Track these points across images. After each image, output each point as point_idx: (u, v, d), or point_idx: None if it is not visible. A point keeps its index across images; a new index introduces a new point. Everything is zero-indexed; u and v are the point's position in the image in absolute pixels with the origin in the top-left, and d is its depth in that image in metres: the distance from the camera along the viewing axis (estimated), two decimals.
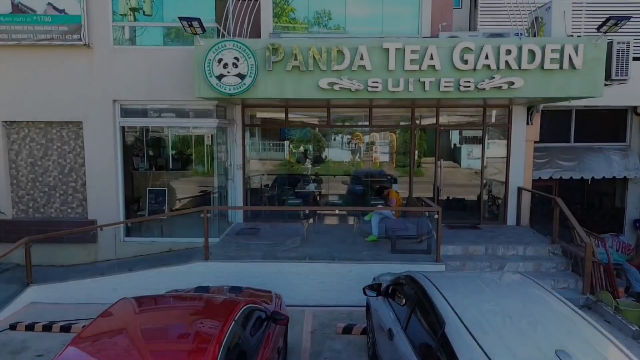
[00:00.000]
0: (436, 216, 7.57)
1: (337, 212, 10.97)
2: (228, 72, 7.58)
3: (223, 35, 8.70)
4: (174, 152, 10.66)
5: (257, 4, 8.89)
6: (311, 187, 11.09)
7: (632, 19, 9.06)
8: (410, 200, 9.19)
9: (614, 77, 7.81)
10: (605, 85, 7.84)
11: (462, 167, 10.92)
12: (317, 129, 10.77)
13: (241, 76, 7.60)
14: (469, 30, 10.71)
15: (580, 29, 9.93)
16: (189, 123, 9.11)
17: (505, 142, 10.15)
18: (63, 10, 8.38)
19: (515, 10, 9.13)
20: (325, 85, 7.66)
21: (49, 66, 8.68)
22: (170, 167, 10.55)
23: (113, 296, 4.84)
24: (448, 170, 10.86)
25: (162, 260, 8.33)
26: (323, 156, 11.08)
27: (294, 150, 10.93)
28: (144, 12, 8.77)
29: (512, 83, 7.53)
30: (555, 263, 8.30)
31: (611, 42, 7.75)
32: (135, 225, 9.44)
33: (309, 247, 8.46)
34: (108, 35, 8.67)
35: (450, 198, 10.72)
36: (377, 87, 7.64)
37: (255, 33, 9.21)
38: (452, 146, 11.28)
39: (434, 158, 10.27)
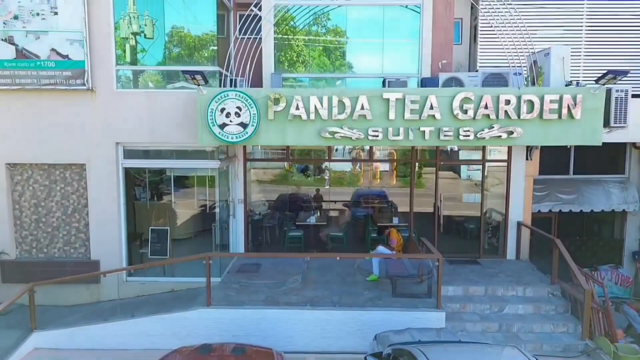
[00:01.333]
0: (437, 263, 7.64)
1: (338, 255, 11.01)
2: (230, 121, 7.67)
3: (225, 81, 8.80)
4: (175, 184, 10.70)
5: (259, 48, 8.95)
6: (312, 219, 11.16)
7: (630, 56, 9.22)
8: (410, 241, 9.26)
9: (612, 124, 7.89)
10: (605, 131, 7.93)
11: (463, 201, 10.97)
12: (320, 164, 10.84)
13: (243, 125, 7.68)
14: (469, 65, 10.79)
15: (579, 72, 10.01)
16: (191, 164, 9.19)
17: (504, 176, 10.22)
18: (67, 56, 8.46)
19: (513, 50, 9.20)
20: (326, 135, 7.74)
21: (52, 109, 8.76)
22: (173, 198, 10.61)
23: (116, 343, 4.92)
24: (448, 200, 10.93)
25: (164, 304, 8.40)
26: (323, 167, 11.10)
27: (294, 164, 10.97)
28: (145, 35, 8.78)
29: (512, 132, 7.61)
30: (555, 305, 8.36)
31: (610, 89, 7.82)
32: (138, 264, 9.50)
33: (310, 289, 8.51)
34: (111, 79, 8.76)
35: (452, 227, 10.79)
36: (377, 136, 7.72)
37: (257, 72, 9.28)
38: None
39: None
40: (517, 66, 8.98)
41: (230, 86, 8.92)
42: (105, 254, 9.07)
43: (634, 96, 9.95)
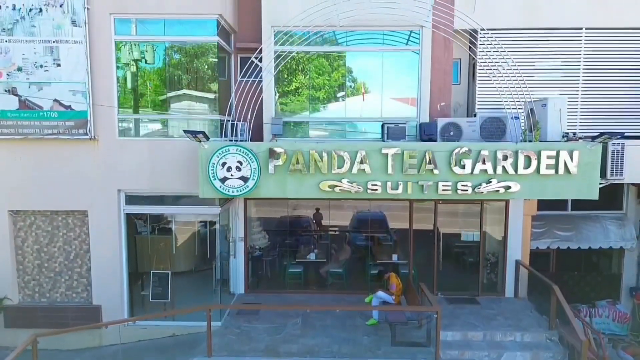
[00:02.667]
0: (435, 315, 7.73)
1: (337, 308, 11.05)
2: (231, 175, 7.76)
3: (226, 126, 8.89)
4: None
5: (260, 89, 9.02)
6: (312, 255, 11.24)
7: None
8: (410, 288, 9.34)
9: (609, 177, 7.99)
10: (601, 184, 8.02)
11: (462, 239, 11.04)
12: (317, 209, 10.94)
13: (244, 179, 7.78)
14: (467, 104, 10.86)
15: (576, 122, 10.11)
16: (193, 210, 9.28)
17: (503, 213, 10.33)
18: (69, 107, 8.56)
19: (510, 94, 9.30)
20: (326, 188, 7.84)
21: (54, 157, 8.86)
22: (175, 232, 10.68)
23: None
24: (448, 234, 10.99)
25: (165, 352, 8.48)
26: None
27: None
28: (146, 60, 8.89)
29: (509, 187, 7.70)
30: (553, 352, 8.44)
31: (606, 143, 7.92)
32: (139, 308, 9.60)
33: (310, 336, 8.59)
34: (113, 127, 8.86)
35: (451, 261, 10.88)
36: (376, 190, 7.81)
37: (258, 113, 9.34)
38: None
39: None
40: (515, 109, 9.08)
41: (231, 131, 9.03)
42: (106, 299, 9.16)
43: (630, 137, 10.22)
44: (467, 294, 10.61)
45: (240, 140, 8.75)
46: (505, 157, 7.64)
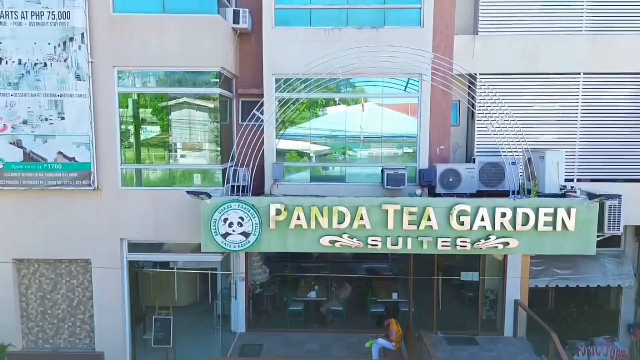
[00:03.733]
0: None
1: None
2: (233, 231, 7.88)
3: (228, 172, 9.02)
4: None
5: (261, 133, 9.13)
6: (312, 294, 11.34)
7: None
8: (410, 335, 9.43)
9: (606, 230, 8.09)
10: (599, 237, 8.13)
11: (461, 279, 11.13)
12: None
13: (246, 234, 7.89)
14: (466, 145, 10.95)
15: (574, 164, 10.22)
16: (195, 258, 9.39)
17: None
18: (73, 158, 8.68)
19: (509, 138, 9.43)
20: (326, 243, 7.95)
21: (58, 207, 8.98)
22: (176, 273, 10.78)
23: None
24: (448, 271, 11.09)
25: None
26: None
27: None
28: (148, 111, 9.02)
29: (507, 243, 7.81)
30: None
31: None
32: (141, 353, 9.70)
33: None
34: (116, 177, 8.98)
35: (451, 297, 10.99)
36: (376, 245, 7.93)
37: (260, 156, 9.44)
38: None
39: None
40: (513, 154, 9.19)
41: (233, 177, 9.14)
42: (109, 345, 9.26)
43: (626, 181, 10.34)
44: (466, 332, 10.71)
45: (241, 186, 8.87)
46: (503, 215, 7.75)
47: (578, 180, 10.35)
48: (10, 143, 8.64)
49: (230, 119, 10.24)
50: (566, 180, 9.69)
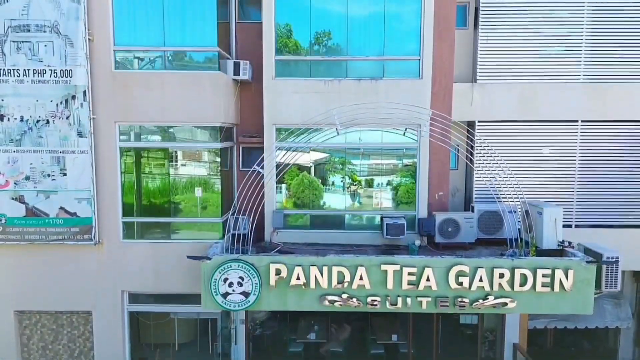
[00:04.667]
0: None
1: None
2: (233, 291, 7.93)
3: (230, 221, 9.10)
4: None
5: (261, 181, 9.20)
6: (312, 335, 11.37)
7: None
8: None
9: (603, 289, 8.15)
10: (596, 294, 8.18)
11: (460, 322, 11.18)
12: None
13: (245, 294, 7.95)
14: (465, 189, 11.02)
15: (572, 211, 10.31)
16: (196, 309, 9.43)
17: None
18: (75, 214, 8.75)
19: (506, 189, 9.52)
20: (326, 302, 8.00)
21: (59, 261, 9.05)
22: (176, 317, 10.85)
23: None
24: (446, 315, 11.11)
25: None
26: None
27: None
28: (150, 164, 9.12)
29: (506, 304, 7.87)
30: None
31: (601, 255, 8.09)
32: None
33: None
34: (117, 231, 9.05)
35: (450, 336, 11.00)
36: (376, 305, 7.98)
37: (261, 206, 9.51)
38: None
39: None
40: (511, 202, 9.28)
41: (234, 225, 9.21)
42: None
43: (624, 227, 10.42)
44: None
45: (242, 234, 8.95)
46: (501, 275, 7.81)
47: (576, 226, 10.45)
48: (13, 199, 8.71)
49: (231, 165, 10.31)
50: (565, 226, 9.79)
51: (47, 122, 8.53)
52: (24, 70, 8.41)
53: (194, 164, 9.22)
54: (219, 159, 9.16)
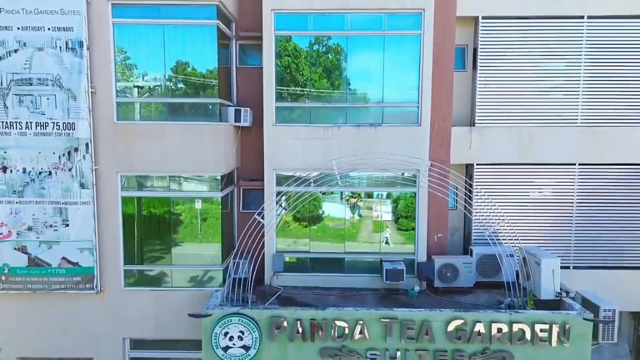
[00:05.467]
0: None
1: None
2: (233, 344, 8.00)
3: (230, 273, 9.18)
4: None
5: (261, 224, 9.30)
6: None
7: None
8: None
9: (600, 340, 8.22)
10: (593, 345, 8.25)
11: None
12: None
13: (246, 348, 8.01)
14: (464, 230, 11.09)
15: (570, 255, 10.41)
16: (197, 355, 9.48)
17: None
18: (77, 263, 8.83)
19: (504, 233, 9.60)
20: (326, 356, 8.06)
21: (62, 309, 9.13)
22: None
23: None
24: None
25: None
26: None
27: None
28: (151, 211, 9.24)
29: (504, 358, 7.93)
30: None
31: (598, 307, 8.17)
32: None
33: None
34: (119, 278, 9.13)
35: None
36: (375, 358, 8.04)
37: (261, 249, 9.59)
38: None
39: None
40: (510, 246, 9.37)
41: (235, 269, 9.29)
42: None
43: (622, 268, 10.50)
44: None
45: (242, 278, 9.04)
46: (499, 330, 7.87)
47: (574, 267, 10.53)
48: (15, 249, 8.79)
49: (231, 207, 10.40)
50: (563, 267, 9.87)
51: (50, 173, 8.61)
52: (26, 123, 8.50)
53: (195, 212, 9.27)
54: (219, 207, 9.23)
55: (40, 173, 8.62)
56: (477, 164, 10.41)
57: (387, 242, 10.14)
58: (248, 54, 10.34)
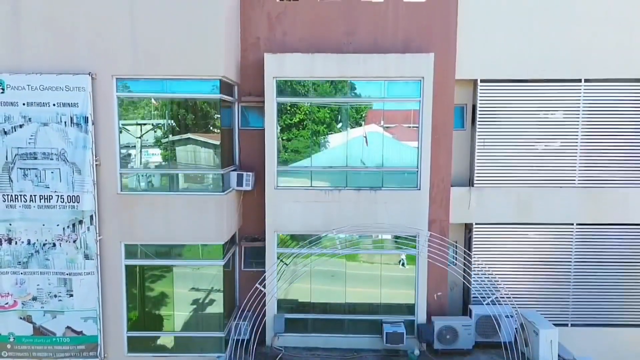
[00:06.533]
0: None
1: None
2: None
3: (230, 332, 9.31)
4: None
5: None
6: None
7: None
8: None
9: None
10: None
11: None
12: None
13: None
14: (463, 285, 11.19)
15: (569, 309, 10.54)
16: None
17: None
18: (81, 332, 8.93)
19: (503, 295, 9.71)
20: None
21: None
22: None
23: None
24: None
25: None
26: None
27: None
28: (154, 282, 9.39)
29: None
30: None
31: None
32: None
33: None
34: (122, 345, 9.23)
35: None
36: None
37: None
38: None
39: None
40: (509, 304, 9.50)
41: (237, 332, 9.40)
42: None
43: (620, 325, 10.62)
44: None
45: (243, 340, 9.18)
46: None
47: (572, 325, 10.65)
48: (21, 318, 8.90)
49: (233, 266, 10.51)
50: (560, 325, 10.02)
51: (54, 245, 8.72)
52: (31, 196, 8.61)
53: (198, 278, 9.40)
54: (221, 273, 9.35)
55: (44, 244, 8.73)
56: (476, 223, 10.54)
57: (402, 265, 10.15)
58: (250, 115, 10.46)
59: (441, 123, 10.03)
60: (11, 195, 8.62)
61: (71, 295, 8.84)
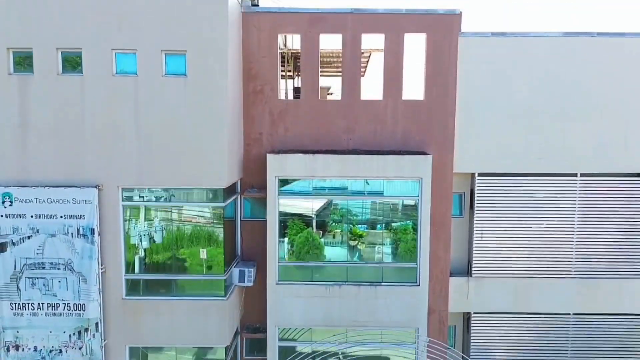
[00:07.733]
0: None
1: None
2: None
3: None
4: None
5: None
6: None
7: None
8: None
9: None
10: None
11: None
12: None
13: None
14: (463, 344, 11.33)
15: None
16: None
17: None
18: None
19: None
20: None
21: None
22: None
23: None
24: None
25: None
26: None
27: None
28: None
29: None
30: None
31: None
32: None
33: None
34: None
35: None
36: None
37: None
38: None
39: None
40: None
41: None
42: None
43: None
44: None
45: None
46: None
47: None
48: None
49: (235, 357, 10.66)
50: None
51: (60, 351, 8.88)
52: (38, 304, 8.79)
53: None
54: None
55: (51, 351, 8.89)
56: (475, 313, 10.72)
57: None
58: (253, 207, 10.64)
59: (440, 219, 10.23)
60: (19, 304, 8.80)
61: None
